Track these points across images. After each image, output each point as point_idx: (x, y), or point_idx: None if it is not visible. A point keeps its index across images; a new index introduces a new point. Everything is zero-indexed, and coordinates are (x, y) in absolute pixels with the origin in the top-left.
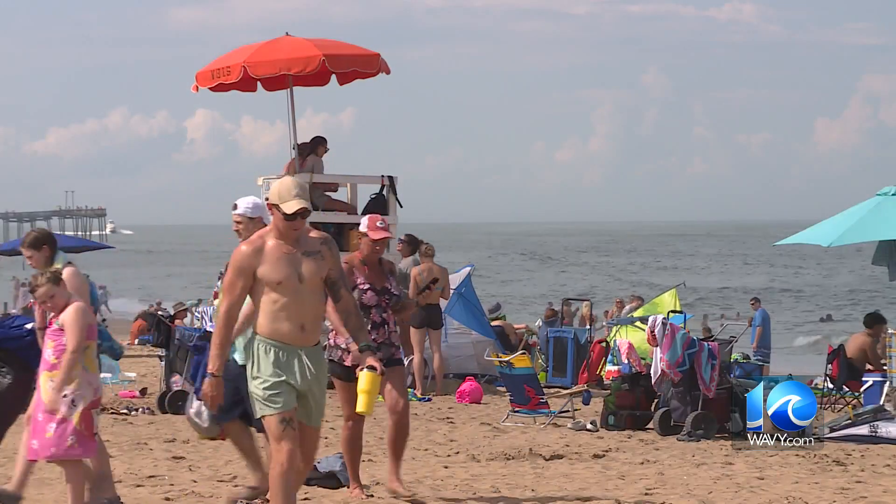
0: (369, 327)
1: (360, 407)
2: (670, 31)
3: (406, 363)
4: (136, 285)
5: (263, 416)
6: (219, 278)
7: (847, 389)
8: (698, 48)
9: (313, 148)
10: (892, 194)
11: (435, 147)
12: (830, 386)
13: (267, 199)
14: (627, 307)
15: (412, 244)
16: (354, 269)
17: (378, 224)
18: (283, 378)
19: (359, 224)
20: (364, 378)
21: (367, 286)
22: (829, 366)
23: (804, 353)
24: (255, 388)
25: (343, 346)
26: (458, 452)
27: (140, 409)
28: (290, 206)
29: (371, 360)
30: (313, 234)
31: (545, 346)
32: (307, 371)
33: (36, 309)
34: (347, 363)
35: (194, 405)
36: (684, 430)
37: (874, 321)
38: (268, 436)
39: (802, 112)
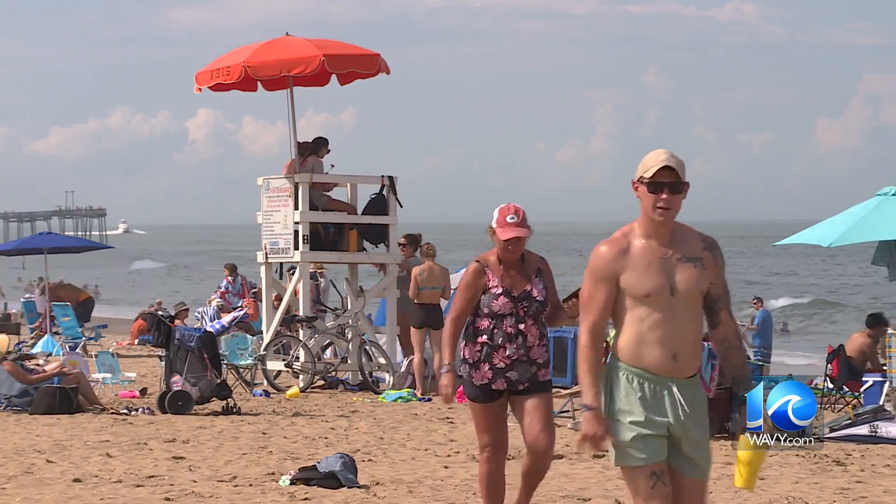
0: (500, 340)
1: (738, 481)
2: (671, 31)
3: (406, 363)
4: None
5: (623, 468)
6: (229, 280)
7: (847, 389)
8: (699, 48)
9: (315, 148)
10: (892, 194)
11: (436, 147)
12: (830, 386)
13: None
14: None
15: (413, 244)
16: (487, 270)
17: (509, 219)
18: (652, 419)
19: (358, 224)
20: (745, 444)
21: (499, 290)
22: (829, 365)
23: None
24: (614, 430)
25: (471, 360)
26: (458, 452)
27: (140, 409)
28: (653, 167)
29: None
30: (695, 233)
31: None
32: (680, 409)
33: None
34: (476, 381)
35: None
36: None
37: (876, 322)
38: (631, 492)
39: (803, 112)
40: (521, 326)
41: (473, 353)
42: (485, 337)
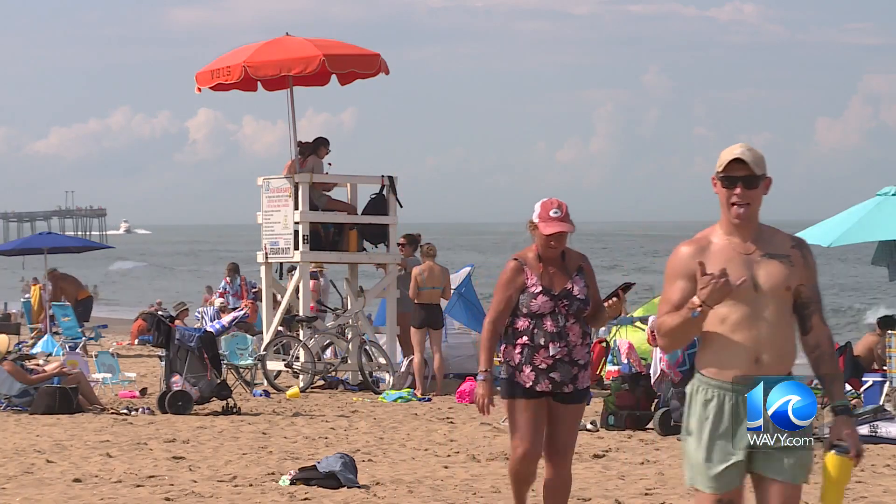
0: (541, 340)
1: (827, 499)
2: (671, 31)
3: (406, 363)
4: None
5: (694, 489)
6: (227, 280)
7: (849, 388)
8: (699, 48)
9: (315, 149)
10: (892, 194)
11: (436, 147)
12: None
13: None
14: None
15: (412, 243)
16: (526, 267)
17: (552, 213)
18: (726, 448)
19: (358, 224)
20: (833, 463)
21: (538, 289)
22: None
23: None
24: (686, 448)
25: (512, 362)
26: (458, 452)
27: (140, 409)
28: (725, 160)
29: (847, 433)
30: (783, 234)
31: None
32: None
33: None
34: (520, 380)
35: None
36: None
37: (887, 324)
38: None
39: (803, 112)
40: (563, 325)
41: (514, 355)
42: (525, 338)
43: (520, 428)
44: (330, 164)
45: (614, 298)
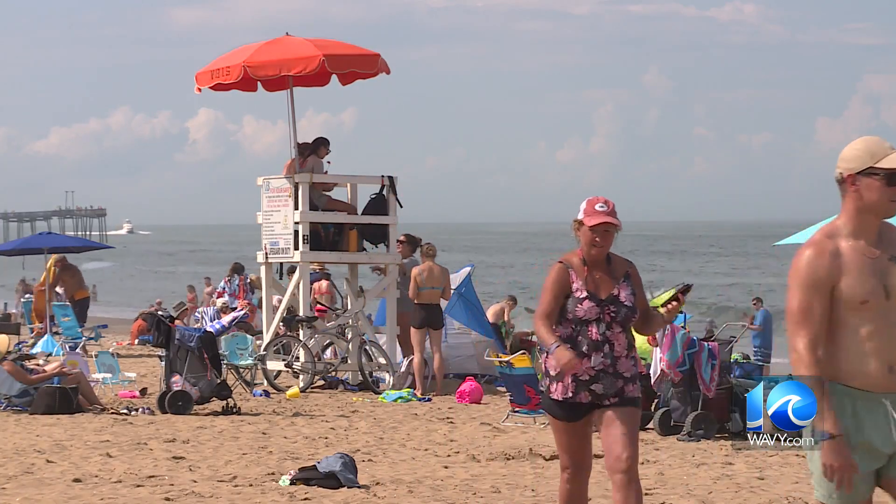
0: (584, 348)
1: None
2: (671, 31)
3: (406, 363)
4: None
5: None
6: (226, 280)
7: None
8: (699, 48)
9: (315, 149)
10: None
11: (436, 147)
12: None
13: (841, 174)
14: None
15: (412, 243)
16: (570, 272)
17: (598, 207)
18: (864, 452)
19: (358, 224)
20: None
21: (583, 294)
22: None
23: None
24: (817, 459)
25: (552, 372)
26: (458, 452)
27: (140, 409)
28: (888, 156)
29: None
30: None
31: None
32: (894, 428)
33: None
34: (556, 396)
35: None
36: (684, 430)
37: None
38: None
39: (803, 112)
40: (608, 333)
41: (554, 365)
42: (567, 345)
43: (566, 449)
44: (329, 162)
45: (674, 303)
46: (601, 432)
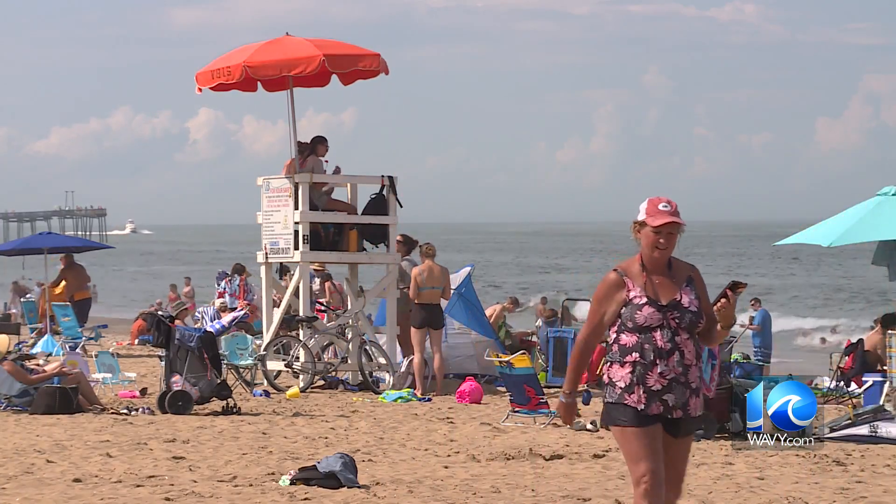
0: (651, 357)
1: None
2: (672, 31)
3: (406, 363)
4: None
5: None
6: (219, 279)
7: (854, 385)
8: (700, 48)
9: (313, 148)
10: (892, 194)
11: (436, 147)
12: (831, 386)
13: None
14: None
15: (408, 244)
16: (627, 279)
17: (661, 207)
18: None
19: (358, 224)
20: None
21: (643, 299)
22: (845, 358)
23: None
24: None
25: (622, 383)
26: (458, 452)
27: (140, 409)
28: None
29: None
30: None
31: (545, 346)
32: None
33: None
34: (633, 404)
35: None
36: None
37: (888, 322)
38: None
39: (803, 112)
40: (677, 340)
41: (623, 375)
42: (635, 354)
43: (641, 458)
44: (327, 160)
45: (723, 300)
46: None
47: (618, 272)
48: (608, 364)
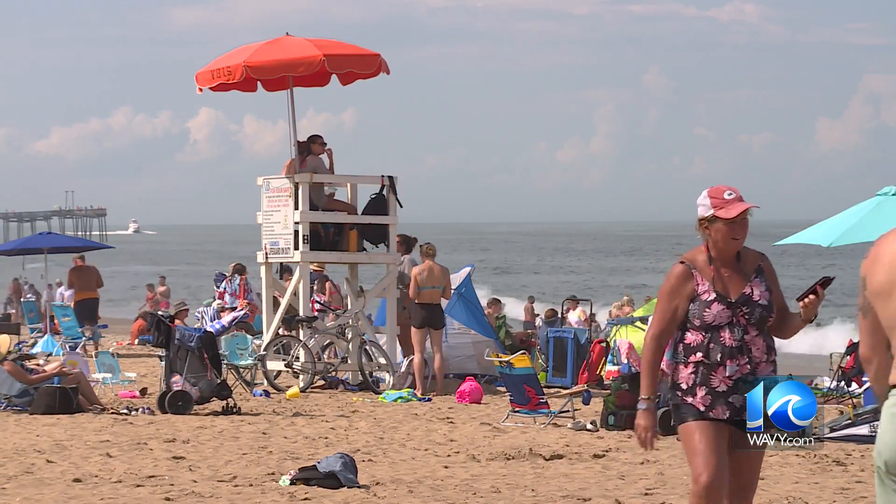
0: (719, 356)
1: None
2: (672, 31)
3: (406, 363)
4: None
5: None
6: (218, 281)
7: (855, 385)
8: (700, 48)
9: (309, 147)
10: (892, 194)
11: (436, 147)
12: (832, 386)
13: None
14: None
15: (406, 243)
16: (695, 271)
17: (727, 195)
18: None
19: (358, 224)
20: None
21: (711, 295)
22: (846, 357)
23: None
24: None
25: (684, 385)
26: (458, 452)
27: (140, 409)
28: None
29: None
30: None
31: (545, 346)
32: None
33: None
34: (697, 404)
35: None
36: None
37: None
38: None
39: (804, 112)
40: (745, 338)
41: (686, 376)
42: (699, 354)
43: (699, 453)
44: (329, 148)
45: (811, 296)
46: (730, 454)
47: (685, 264)
48: (672, 364)
